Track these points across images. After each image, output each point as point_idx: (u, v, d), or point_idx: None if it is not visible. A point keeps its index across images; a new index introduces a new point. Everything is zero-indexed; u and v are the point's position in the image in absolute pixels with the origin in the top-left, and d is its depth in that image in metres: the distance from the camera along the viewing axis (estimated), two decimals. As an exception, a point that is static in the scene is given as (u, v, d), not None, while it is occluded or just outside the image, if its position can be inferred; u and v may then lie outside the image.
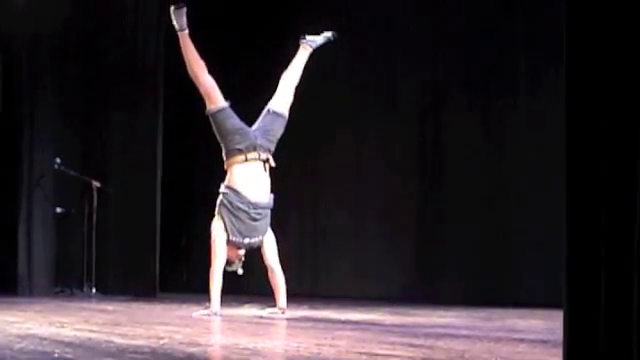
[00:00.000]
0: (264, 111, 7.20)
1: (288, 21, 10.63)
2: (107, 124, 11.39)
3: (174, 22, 7.13)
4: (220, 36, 10.94)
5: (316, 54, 7.50)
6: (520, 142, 8.86)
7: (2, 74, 11.62)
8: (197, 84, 7.14)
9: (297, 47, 7.44)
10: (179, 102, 11.68)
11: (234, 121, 7.04)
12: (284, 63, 7.45)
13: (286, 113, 7.22)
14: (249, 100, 7.65)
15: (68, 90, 11.37)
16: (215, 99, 7.05)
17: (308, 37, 7.42)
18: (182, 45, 7.15)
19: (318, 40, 7.44)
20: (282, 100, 7.24)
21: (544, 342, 4.67)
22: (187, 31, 7.12)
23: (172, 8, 7.11)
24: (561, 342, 2.51)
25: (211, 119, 7.06)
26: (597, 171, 2.51)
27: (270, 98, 7.27)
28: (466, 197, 9.23)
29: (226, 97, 7.10)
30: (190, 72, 7.15)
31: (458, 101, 9.46)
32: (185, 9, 7.09)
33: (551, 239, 7.55)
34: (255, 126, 7.11)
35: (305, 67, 7.40)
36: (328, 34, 7.49)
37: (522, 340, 4.74)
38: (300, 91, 7.11)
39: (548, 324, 5.93)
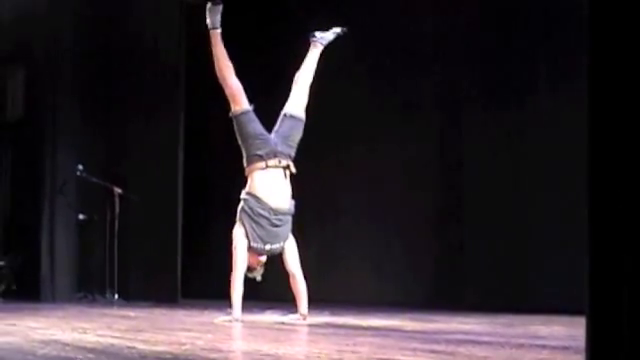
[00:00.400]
0: (281, 116, 7.18)
1: (300, 22, 10.65)
2: (129, 130, 11.44)
3: (208, 19, 7.13)
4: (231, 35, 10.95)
5: (335, 62, 7.42)
6: (542, 146, 8.82)
7: (25, 81, 11.70)
8: (223, 85, 7.12)
9: (308, 46, 7.40)
10: (200, 108, 11.71)
11: (256, 125, 7.04)
12: (295, 63, 7.42)
13: (303, 115, 7.20)
14: (262, 101, 7.59)
15: (90, 97, 11.43)
16: (240, 101, 7.05)
17: (317, 34, 7.37)
18: (213, 44, 7.14)
19: (328, 37, 7.39)
20: (297, 102, 7.21)
21: (566, 349, 4.66)
22: (219, 30, 7.11)
23: (209, 4, 7.12)
24: (583, 349, 2.50)
25: (234, 121, 7.06)
26: (621, 174, 2.49)
27: (281, 97, 7.24)
28: (487, 202, 9.21)
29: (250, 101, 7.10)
30: (218, 72, 7.13)
31: (478, 106, 9.43)
32: (221, 7, 7.09)
33: (573, 245, 7.53)
34: (274, 132, 7.10)
35: (324, 73, 7.38)
36: (337, 29, 7.43)
37: (544, 347, 4.73)
38: (320, 97, 7.07)
39: (570, 331, 5.91)
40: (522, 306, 8.37)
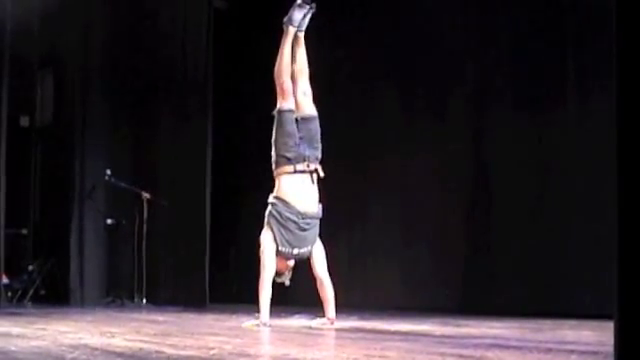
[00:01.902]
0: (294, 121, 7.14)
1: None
2: (157, 136, 11.49)
3: (289, 14, 7.11)
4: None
5: (365, 66, 7.36)
6: (571, 151, 8.77)
7: (54, 87, 11.78)
8: (277, 81, 7.11)
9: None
10: (229, 113, 11.74)
11: (294, 128, 7.02)
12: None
13: (315, 111, 7.16)
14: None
15: (118, 102, 11.49)
16: (288, 99, 7.06)
17: (289, 19, 7.20)
18: (283, 38, 7.14)
19: (304, 22, 7.18)
20: (305, 101, 7.16)
21: (595, 353, 4.63)
22: (294, 29, 7.11)
23: (299, 0, 7.09)
24: (612, 354, 2.49)
25: (277, 116, 7.05)
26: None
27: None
28: (515, 207, 9.17)
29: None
30: (276, 68, 7.13)
31: (508, 113, 9.39)
32: (307, 9, 7.07)
33: (602, 249, 7.50)
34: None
35: (354, 80, 7.34)
36: (305, 9, 7.23)
37: (572, 351, 4.70)
38: (349, 102, 7.04)
39: (599, 335, 5.87)
40: (551, 311, 8.33)
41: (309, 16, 7.25)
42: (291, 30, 7.15)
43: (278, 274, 6.90)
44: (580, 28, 8.83)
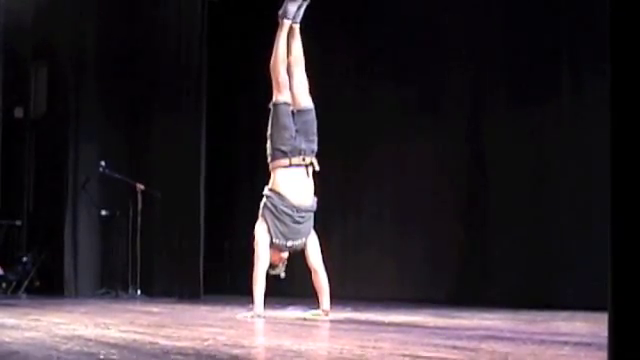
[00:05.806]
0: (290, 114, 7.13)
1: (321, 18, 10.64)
2: (151, 127, 11.47)
3: (284, 6, 7.08)
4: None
5: (358, 59, 7.34)
6: (565, 143, 8.78)
7: (48, 79, 11.76)
8: (273, 74, 7.10)
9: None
10: (223, 104, 11.72)
11: (290, 121, 7.01)
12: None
13: (311, 103, 7.13)
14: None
15: (112, 93, 11.47)
16: (284, 92, 7.04)
17: (289, 14, 7.12)
18: (278, 31, 7.12)
19: (299, 12, 7.15)
20: (302, 93, 7.14)
21: (588, 345, 4.63)
22: (289, 22, 7.07)
23: None
24: (605, 345, 2.50)
25: (273, 109, 7.03)
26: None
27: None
28: (511, 199, 9.17)
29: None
30: (272, 61, 7.11)
31: (502, 104, 9.39)
32: (299, 2, 7.05)
33: (596, 241, 7.50)
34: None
35: (348, 71, 7.32)
36: (298, 1, 7.14)
37: (566, 343, 4.71)
38: (343, 94, 7.03)
39: (592, 327, 5.88)
40: (545, 302, 8.34)
41: (303, 8, 7.22)
42: (286, 23, 7.12)
43: (272, 266, 6.91)
44: (574, 23, 8.82)
